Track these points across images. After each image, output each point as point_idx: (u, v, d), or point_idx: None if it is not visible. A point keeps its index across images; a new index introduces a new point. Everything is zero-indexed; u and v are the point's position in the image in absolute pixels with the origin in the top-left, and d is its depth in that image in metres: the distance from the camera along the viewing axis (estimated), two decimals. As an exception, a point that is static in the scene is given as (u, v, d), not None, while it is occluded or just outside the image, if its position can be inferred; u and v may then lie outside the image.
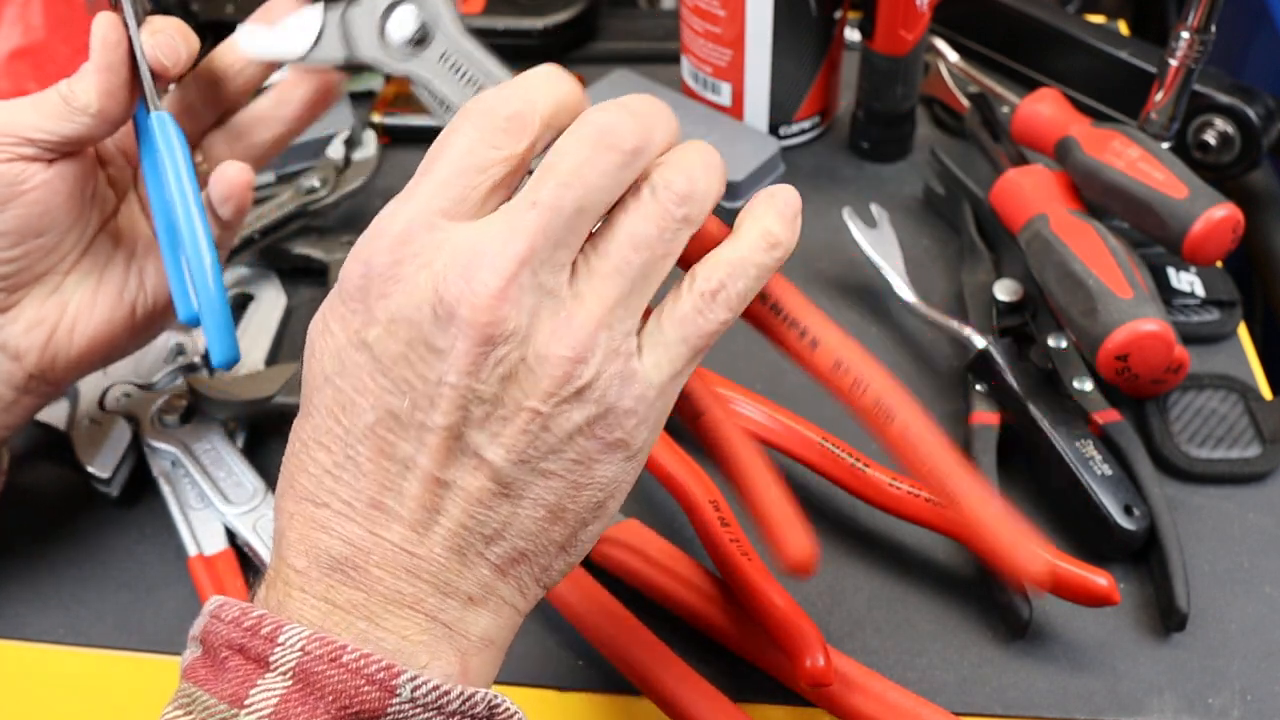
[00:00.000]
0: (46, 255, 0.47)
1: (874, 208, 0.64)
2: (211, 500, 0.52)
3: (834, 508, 0.54)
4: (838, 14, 0.71)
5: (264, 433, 0.57)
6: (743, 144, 0.71)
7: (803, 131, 0.76)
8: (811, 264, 0.68)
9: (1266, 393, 0.58)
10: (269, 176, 0.75)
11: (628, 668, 0.45)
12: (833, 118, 0.78)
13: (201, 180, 0.48)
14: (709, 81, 0.74)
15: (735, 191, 0.69)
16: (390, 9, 0.41)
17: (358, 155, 0.72)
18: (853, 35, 0.78)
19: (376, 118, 0.78)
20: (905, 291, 0.60)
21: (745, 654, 0.47)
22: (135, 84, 0.45)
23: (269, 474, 0.53)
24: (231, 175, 0.48)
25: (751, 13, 0.68)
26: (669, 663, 0.44)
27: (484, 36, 0.42)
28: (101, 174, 0.50)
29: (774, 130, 0.75)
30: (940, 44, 0.75)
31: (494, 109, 0.32)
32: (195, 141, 0.50)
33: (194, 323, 0.47)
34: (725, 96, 0.74)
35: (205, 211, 0.47)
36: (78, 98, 0.44)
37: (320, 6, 0.44)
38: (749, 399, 0.53)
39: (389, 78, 0.82)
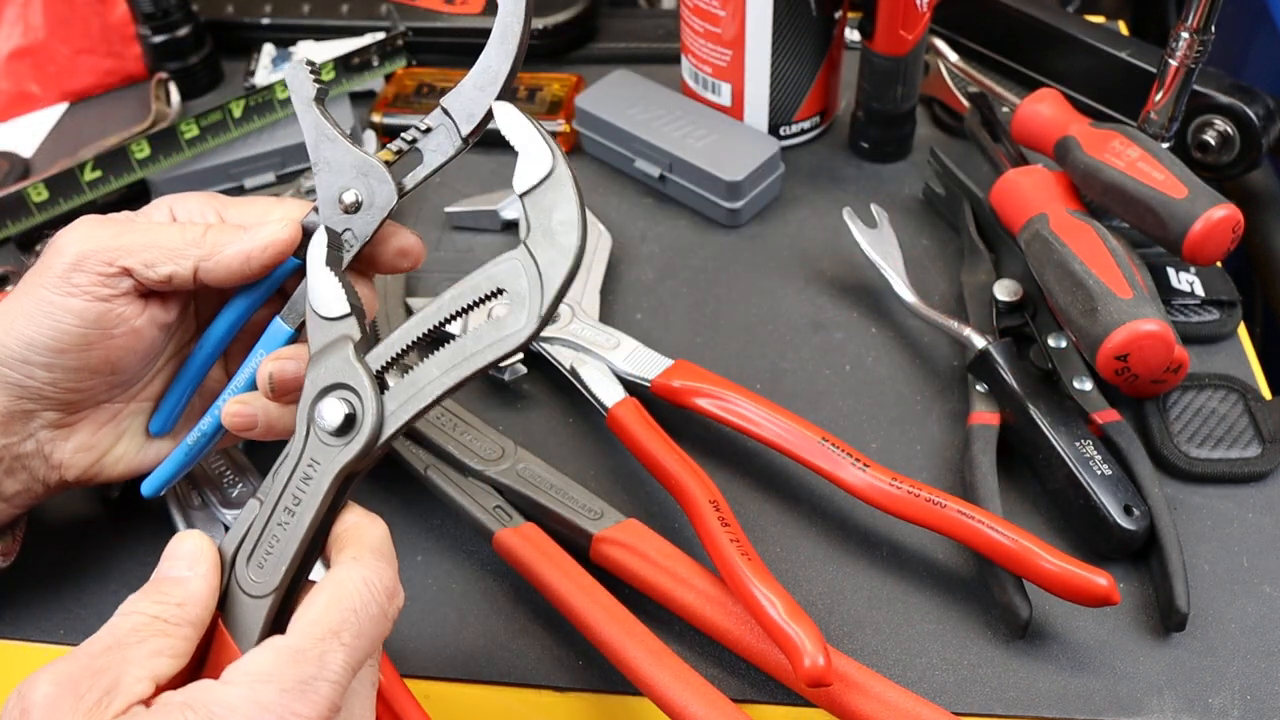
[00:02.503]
0: (113, 388, 0.47)
1: (874, 208, 0.64)
2: (211, 500, 0.53)
3: (834, 508, 0.54)
4: (838, 14, 0.71)
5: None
6: (743, 144, 0.71)
7: (803, 131, 0.76)
8: (811, 264, 0.68)
9: (1266, 393, 0.58)
10: (269, 176, 0.75)
11: (628, 668, 0.45)
12: (833, 118, 0.78)
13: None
14: (709, 81, 0.74)
15: (736, 191, 0.69)
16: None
17: (368, 147, 0.72)
18: (853, 35, 0.78)
19: (376, 117, 0.78)
20: (905, 291, 0.60)
21: (745, 654, 0.47)
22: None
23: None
24: (411, 240, 0.46)
25: (751, 13, 0.68)
26: (669, 663, 0.44)
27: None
28: (191, 303, 0.49)
29: (774, 130, 0.75)
30: (940, 44, 0.75)
31: None
32: None
33: (158, 434, 0.49)
34: (725, 96, 0.74)
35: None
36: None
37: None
38: (749, 399, 0.53)
39: (389, 77, 0.82)
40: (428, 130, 0.43)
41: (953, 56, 0.74)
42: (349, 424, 0.38)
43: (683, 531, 0.53)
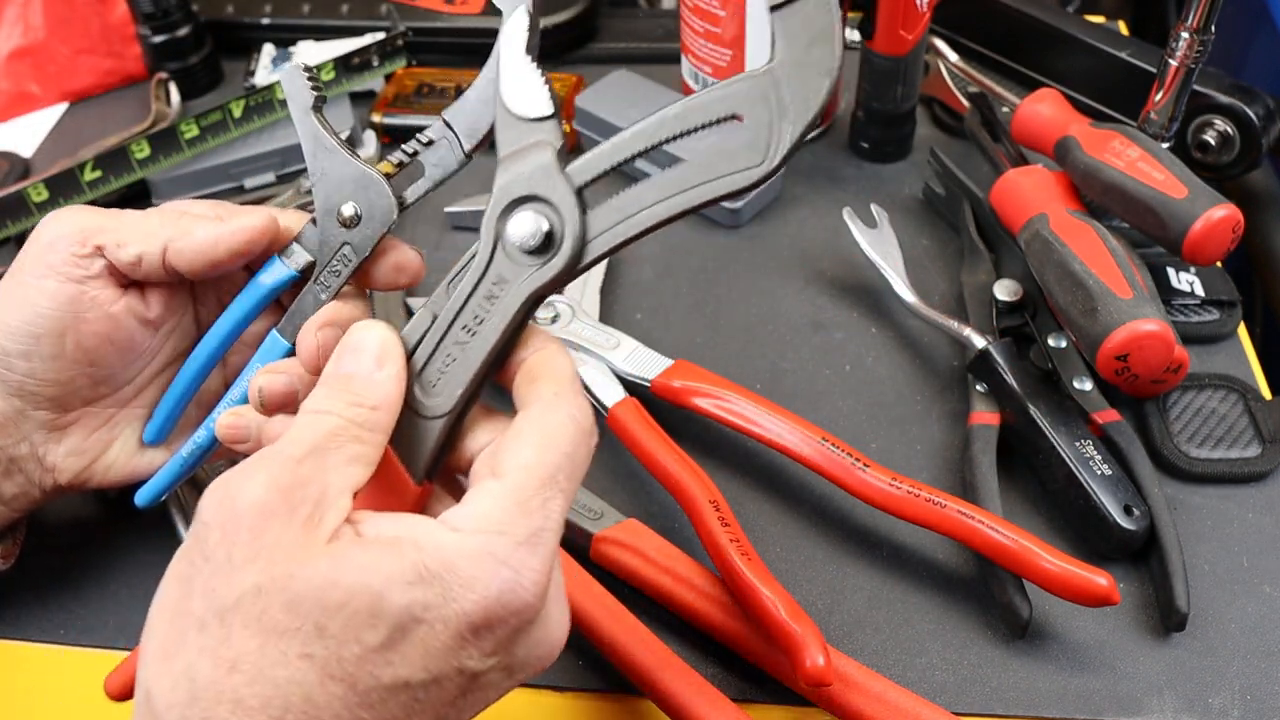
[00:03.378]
0: (97, 384, 0.46)
1: (874, 208, 0.64)
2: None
3: (834, 508, 0.54)
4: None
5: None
6: (743, 144, 0.70)
7: (803, 131, 0.76)
8: (812, 264, 0.68)
9: (1266, 393, 0.58)
10: (269, 176, 0.75)
11: (628, 668, 0.45)
12: (833, 118, 0.78)
13: None
14: (709, 82, 0.74)
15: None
16: None
17: (364, 152, 0.72)
18: (853, 35, 0.78)
19: (376, 117, 0.78)
20: (905, 291, 0.60)
21: (745, 654, 0.47)
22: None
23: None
24: (409, 256, 0.43)
25: (751, 13, 0.68)
26: (669, 663, 0.44)
27: (484, 37, 0.42)
28: (191, 309, 0.48)
29: (774, 130, 0.74)
30: (940, 44, 0.75)
31: None
32: None
33: (152, 443, 0.49)
34: (725, 96, 0.74)
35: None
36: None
37: None
38: (749, 399, 0.53)
39: (389, 77, 0.82)
40: (429, 143, 0.41)
41: (953, 56, 0.74)
42: (548, 243, 0.34)
43: (683, 531, 0.53)
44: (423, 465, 0.36)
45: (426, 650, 0.30)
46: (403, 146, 0.42)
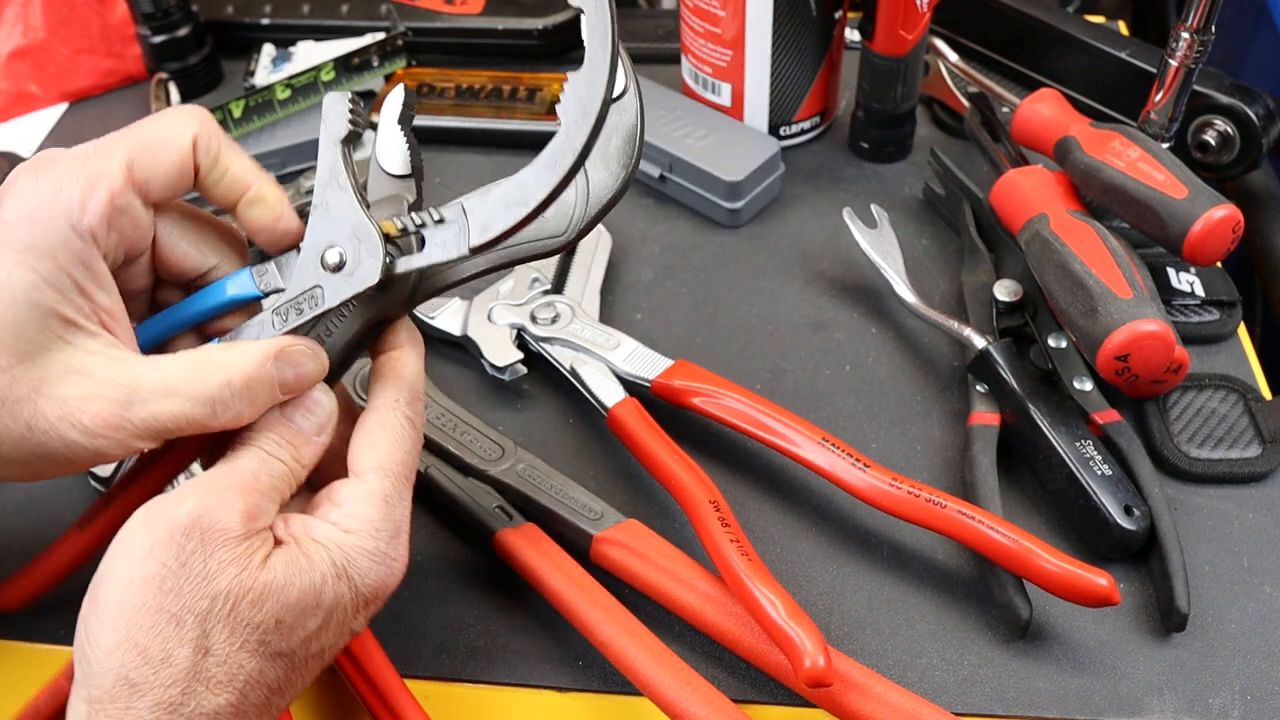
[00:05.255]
0: None
1: (874, 208, 0.64)
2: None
3: (834, 508, 0.54)
4: (838, 14, 0.71)
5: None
6: (743, 144, 0.71)
7: (803, 131, 0.76)
8: (812, 264, 0.68)
9: (1266, 393, 0.58)
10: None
11: (628, 668, 0.45)
12: (833, 118, 0.78)
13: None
14: (709, 82, 0.74)
15: (736, 192, 0.69)
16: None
17: (357, 155, 0.71)
18: (853, 35, 0.78)
19: (376, 118, 0.78)
20: (905, 291, 0.60)
21: (745, 654, 0.47)
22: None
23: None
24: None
25: (751, 13, 0.68)
26: (669, 663, 0.44)
27: (484, 36, 0.42)
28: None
29: (774, 130, 0.75)
30: (940, 44, 0.75)
31: None
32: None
33: None
34: (725, 96, 0.74)
35: None
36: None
37: None
38: (749, 399, 0.53)
39: (389, 77, 0.82)
40: (440, 220, 0.40)
41: (953, 56, 0.74)
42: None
43: (683, 531, 0.53)
44: None
45: (339, 625, 0.39)
46: (414, 214, 0.41)
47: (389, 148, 0.44)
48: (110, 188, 0.39)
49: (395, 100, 0.44)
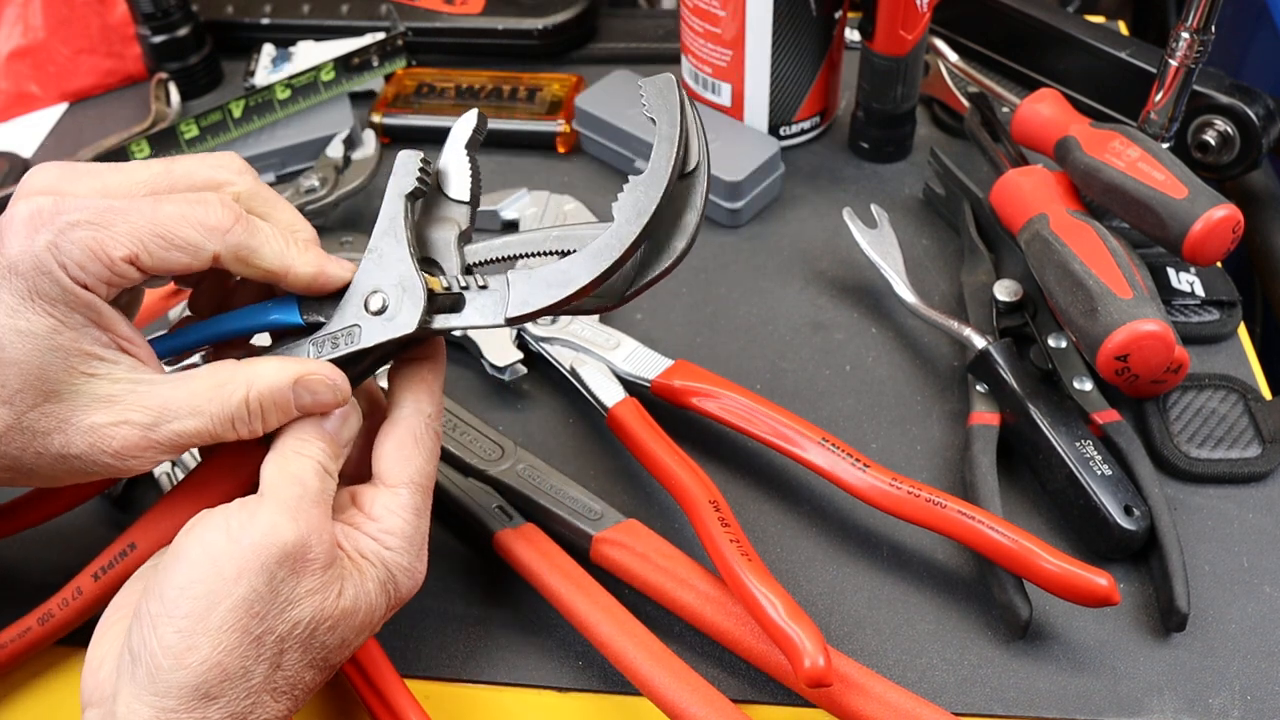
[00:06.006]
0: None
1: (874, 208, 0.64)
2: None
3: (834, 508, 0.54)
4: (838, 14, 0.71)
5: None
6: (743, 144, 0.71)
7: (803, 131, 0.76)
8: (811, 264, 0.68)
9: (1266, 393, 0.58)
10: (269, 177, 0.75)
11: (628, 668, 0.45)
12: (833, 118, 0.78)
13: None
14: (709, 82, 0.74)
15: (736, 191, 0.69)
16: None
17: (357, 155, 0.72)
18: (853, 35, 0.78)
19: (376, 117, 0.78)
20: (905, 291, 0.60)
21: (745, 654, 0.47)
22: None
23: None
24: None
25: (751, 13, 0.68)
26: (669, 663, 0.44)
27: (484, 36, 0.42)
28: None
29: (774, 130, 0.75)
30: (940, 44, 0.75)
31: None
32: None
33: None
34: (725, 97, 0.74)
35: None
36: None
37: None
38: (749, 399, 0.53)
39: (389, 78, 0.82)
40: (484, 287, 0.42)
41: (953, 56, 0.74)
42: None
43: (683, 531, 0.53)
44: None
45: (371, 630, 0.41)
46: (461, 274, 0.43)
47: (453, 171, 0.44)
48: (109, 266, 0.38)
49: (467, 124, 0.44)
